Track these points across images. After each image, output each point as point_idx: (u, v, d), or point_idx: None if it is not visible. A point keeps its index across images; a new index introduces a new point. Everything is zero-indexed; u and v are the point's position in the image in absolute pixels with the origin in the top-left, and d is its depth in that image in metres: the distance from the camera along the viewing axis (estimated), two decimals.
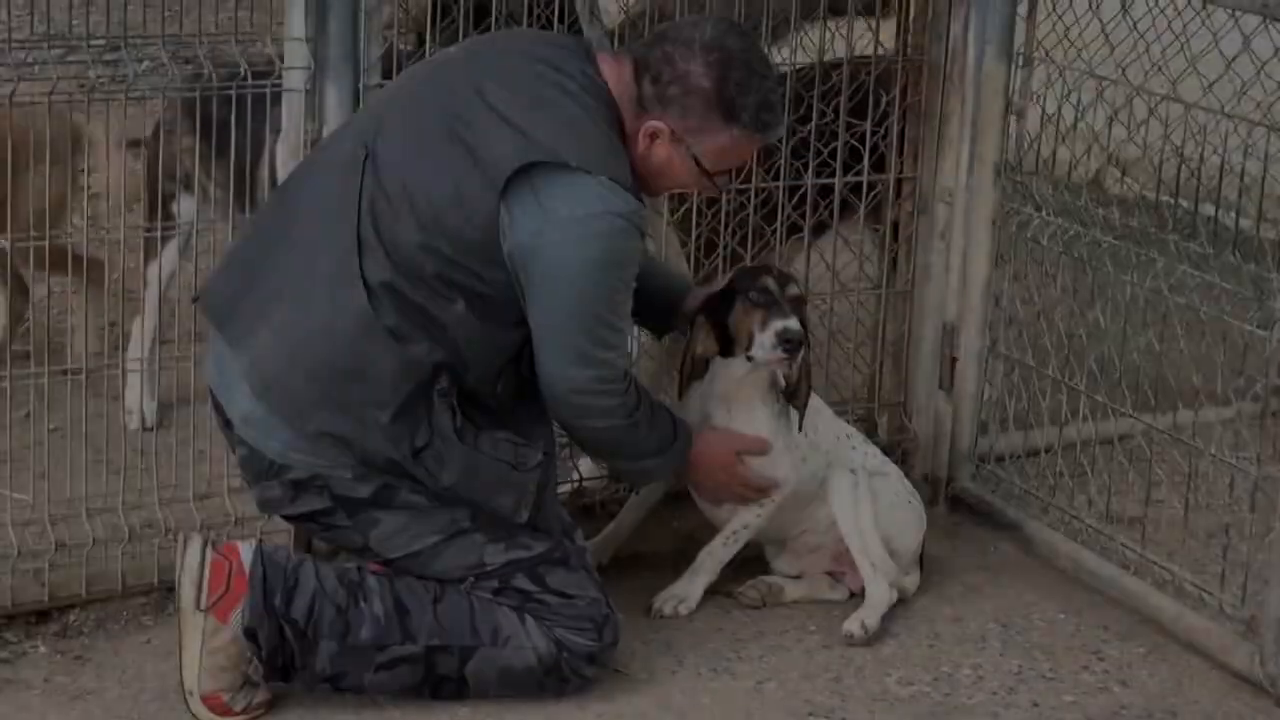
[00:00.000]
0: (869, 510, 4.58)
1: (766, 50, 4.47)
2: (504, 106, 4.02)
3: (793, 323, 4.36)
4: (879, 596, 4.57)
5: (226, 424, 4.15)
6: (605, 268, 4.00)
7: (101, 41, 4.35)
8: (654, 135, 4.11)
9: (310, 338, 4.01)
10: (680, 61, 4.08)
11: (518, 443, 4.11)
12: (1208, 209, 5.80)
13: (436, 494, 4.07)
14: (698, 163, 4.14)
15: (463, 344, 4.02)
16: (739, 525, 4.59)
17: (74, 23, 4.59)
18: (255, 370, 4.04)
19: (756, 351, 4.39)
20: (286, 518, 4.20)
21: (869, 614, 4.54)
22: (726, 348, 4.46)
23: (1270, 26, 4.53)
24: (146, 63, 4.33)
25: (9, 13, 4.92)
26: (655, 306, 4.49)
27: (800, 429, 4.52)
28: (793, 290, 4.43)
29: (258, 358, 4.04)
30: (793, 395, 4.52)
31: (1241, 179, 5.61)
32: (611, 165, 4.02)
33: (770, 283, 4.41)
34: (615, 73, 4.12)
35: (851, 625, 4.52)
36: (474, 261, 3.99)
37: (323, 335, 4.00)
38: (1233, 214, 5.70)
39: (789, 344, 4.35)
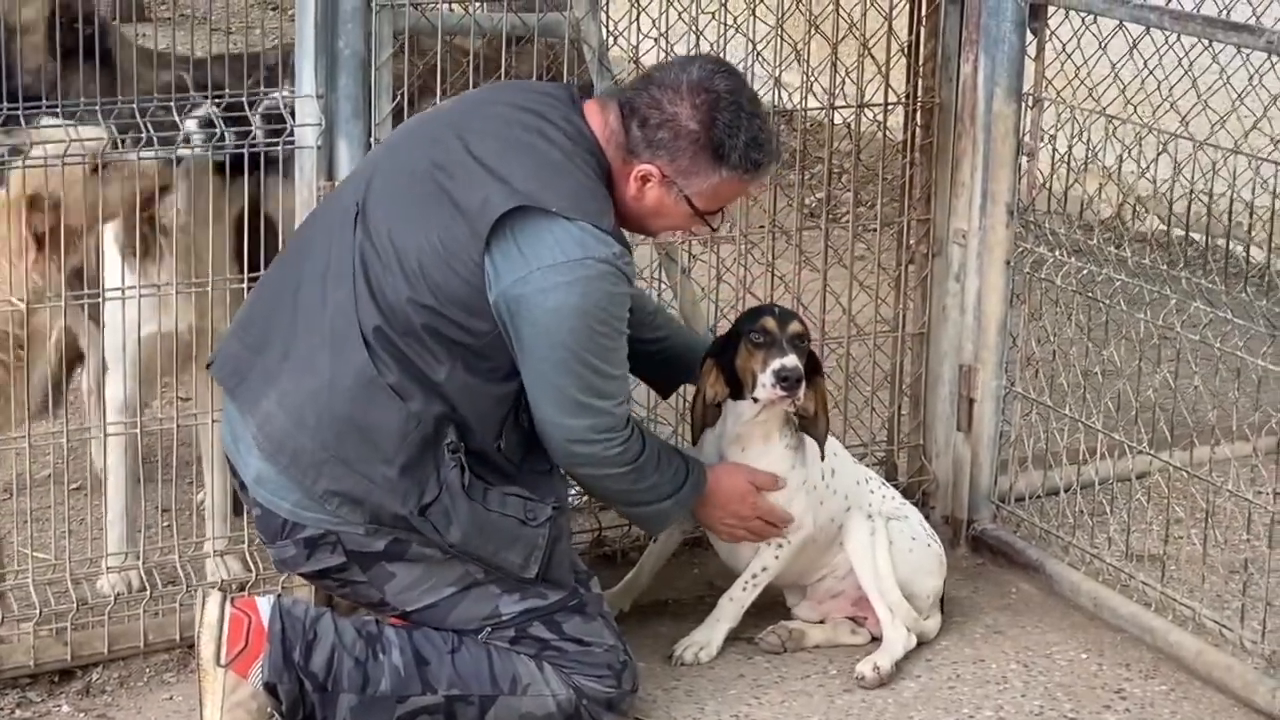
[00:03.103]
0: (885, 555, 4.59)
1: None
2: (486, 156, 4.05)
3: (789, 360, 4.37)
4: (895, 640, 4.57)
5: (242, 485, 4.18)
6: (589, 314, 4.00)
7: None
8: (645, 179, 4.13)
9: (314, 398, 4.03)
10: (668, 105, 4.10)
11: (527, 498, 4.12)
12: (1220, 243, 5.81)
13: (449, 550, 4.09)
14: (690, 203, 4.15)
15: (458, 400, 4.04)
16: (758, 568, 4.59)
17: None
18: (263, 433, 4.07)
19: (759, 392, 4.41)
20: (304, 576, 4.22)
21: (882, 657, 4.54)
22: (736, 390, 4.47)
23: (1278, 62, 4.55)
24: None
25: None
26: (669, 369, 4.54)
27: (822, 457, 4.52)
28: (793, 328, 4.44)
29: (265, 421, 4.07)
30: (811, 428, 4.53)
31: (1251, 214, 5.62)
32: (593, 211, 4.03)
33: (770, 322, 4.43)
34: (601, 119, 4.14)
35: (864, 667, 4.52)
36: (460, 314, 4.01)
37: (327, 395, 4.02)
38: (1245, 248, 5.71)
39: (785, 381, 4.37)
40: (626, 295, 4.06)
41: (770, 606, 4.71)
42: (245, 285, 4.43)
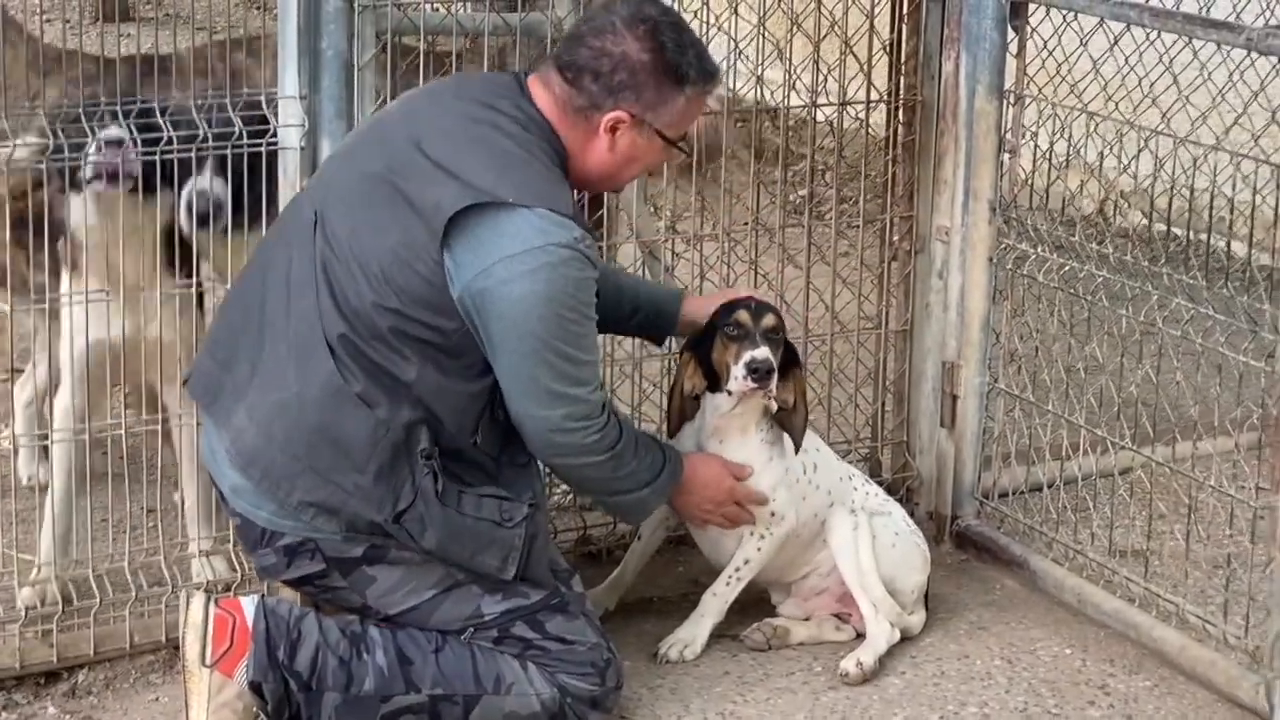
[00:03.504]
0: (869, 550, 4.60)
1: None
2: (439, 155, 4.05)
3: (759, 352, 4.39)
4: (879, 636, 4.58)
5: (222, 496, 4.20)
6: (555, 301, 3.99)
7: None
8: (615, 128, 4.12)
9: (283, 411, 4.04)
10: (613, 48, 4.10)
11: (503, 498, 4.12)
12: (1202, 239, 5.83)
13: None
14: (663, 136, 4.15)
15: (430, 401, 4.04)
16: (740, 562, 4.59)
17: None
18: (235, 448, 4.08)
19: (731, 384, 4.43)
20: (286, 583, 4.22)
21: (866, 653, 4.55)
22: (714, 383, 4.49)
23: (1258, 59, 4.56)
24: None
25: None
26: (649, 315, 4.55)
27: (796, 450, 4.53)
28: (767, 321, 4.45)
29: (237, 435, 4.08)
30: (789, 421, 4.54)
31: (1232, 209, 5.64)
32: (551, 196, 4.03)
33: (744, 315, 4.44)
34: (547, 94, 4.15)
35: (847, 664, 4.54)
36: (426, 314, 4.01)
37: (295, 406, 4.03)
38: (1226, 244, 5.73)
39: (755, 373, 4.38)
40: (591, 280, 4.05)
41: (755, 604, 4.72)
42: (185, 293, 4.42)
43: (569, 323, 4.02)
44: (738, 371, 4.41)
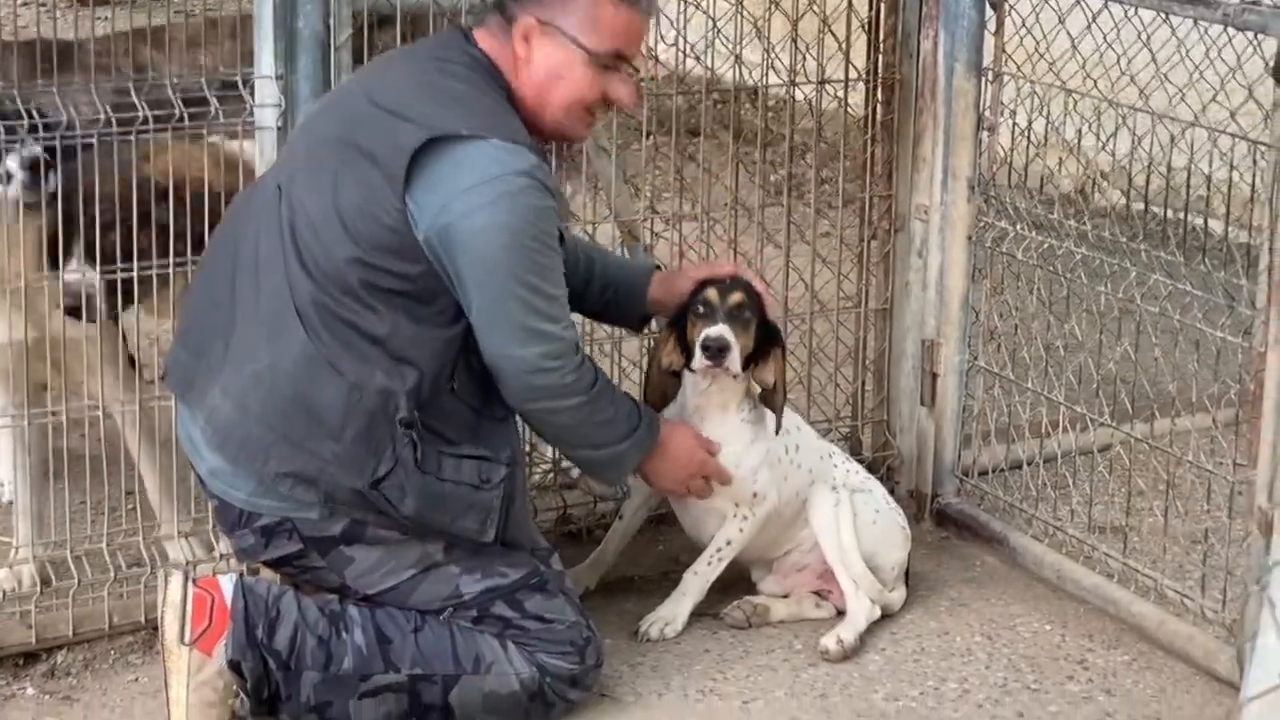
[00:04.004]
0: (850, 527, 4.60)
1: None
2: (390, 103, 4.05)
3: (714, 330, 4.39)
4: (859, 613, 4.59)
5: (200, 480, 4.21)
6: (519, 230, 3.98)
7: None
8: (526, 36, 4.10)
9: (257, 383, 4.04)
10: None
11: (481, 458, 4.11)
12: (1180, 217, 5.84)
13: (405, 526, 4.09)
14: (580, 45, 4.09)
15: (405, 351, 4.02)
16: (722, 542, 4.60)
17: None
18: (210, 425, 4.08)
19: (694, 362, 4.44)
20: (265, 564, 4.22)
21: (846, 630, 4.56)
22: (691, 361, 4.49)
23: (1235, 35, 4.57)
24: None
25: None
26: (621, 298, 4.53)
27: (776, 430, 4.54)
28: (734, 298, 4.44)
29: (211, 413, 4.08)
30: (768, 399, 4.55)
31: (1208, 185, 5.65)
32: (502, 126, 4.02)
33: (711, 293, 4.44)
34: (489, 36, 4.15)
35: (828, 641, 4.54)
36: (393, 261, 4.00)
37: (269, 378, 4.03)
38: (1204, 221, 5.74)
39: (707, 350, 4.39)
40: (551, 209, 4.03)
41: (735, 582, 4.73)
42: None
43: (534, 252, 4.01)
44: (697, 349, 4.42)
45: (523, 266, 4.00)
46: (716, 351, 4.39)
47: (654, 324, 4.75)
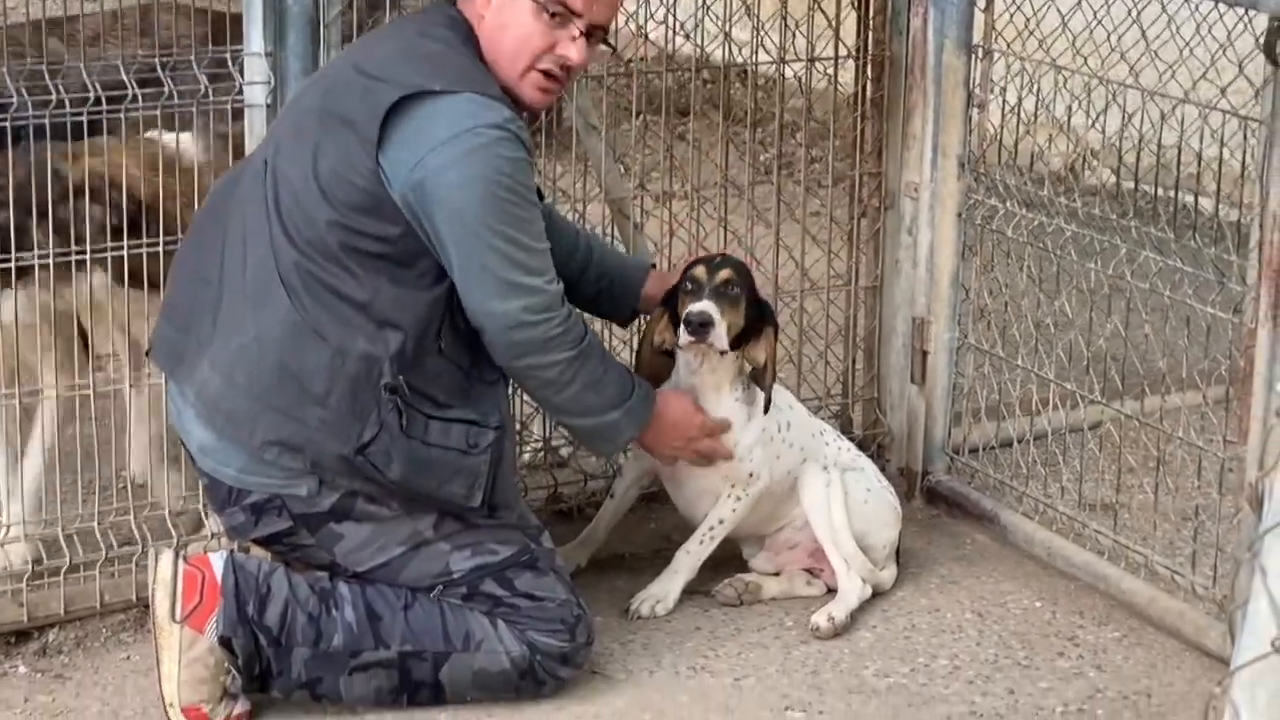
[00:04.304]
0: (841, 506, 4.61)
1: None
2: (371, 67, 4.07)
3: (697, 305, 4.39)
4: (850, 591, 4.60)
5: (191, 457, 4.21)
6: (493, 182, 3.98)
7: None
8: None
9: (244, 354, 4.04)
10: None
11: (470, 422, 4.10)
12: (1170, 194, 5.84)
13: (394, 500, 4.09)
14: None
15: (389, 315, 4.02)
16: (715, 521, 4.61)
17: None
18: (200, 399, 4.09)
19: (680, 339, 4.44)
20: (255, 542, 4.22)
21: (837, 608, 4.57)
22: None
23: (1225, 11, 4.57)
24: None
25: None
26: (615, 289, 4.53)
27: (765, 409, 4.54)
28: (721, 275, 4.44)
29: (201, 387, 4.09)
30: (759, 377, 4.55)
31: (1199, 162, 5.66)
32: (475, 82, 4.03)
33: (700, 271, 4.45)
34: (469, 1, 4.16)
35: (818, 618, 4.55)
36: (372, 223, 4.01)
37: (255, 348, 4.04)
38: (1194, 198, 5.74)
39: (689, 325, 4.38)
40: (525, 162, 4.03)
41: (727, 560, 4.73)
42: None
43: (509, 204, 4.00)
44: (683, 326, 4.42)
45: (499, 218, 4.00)
46: (699, 326, 4.38)
47: (641, 320, 4.75)
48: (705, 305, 4.39)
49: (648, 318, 4.65)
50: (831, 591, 4.67)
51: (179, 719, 4.07)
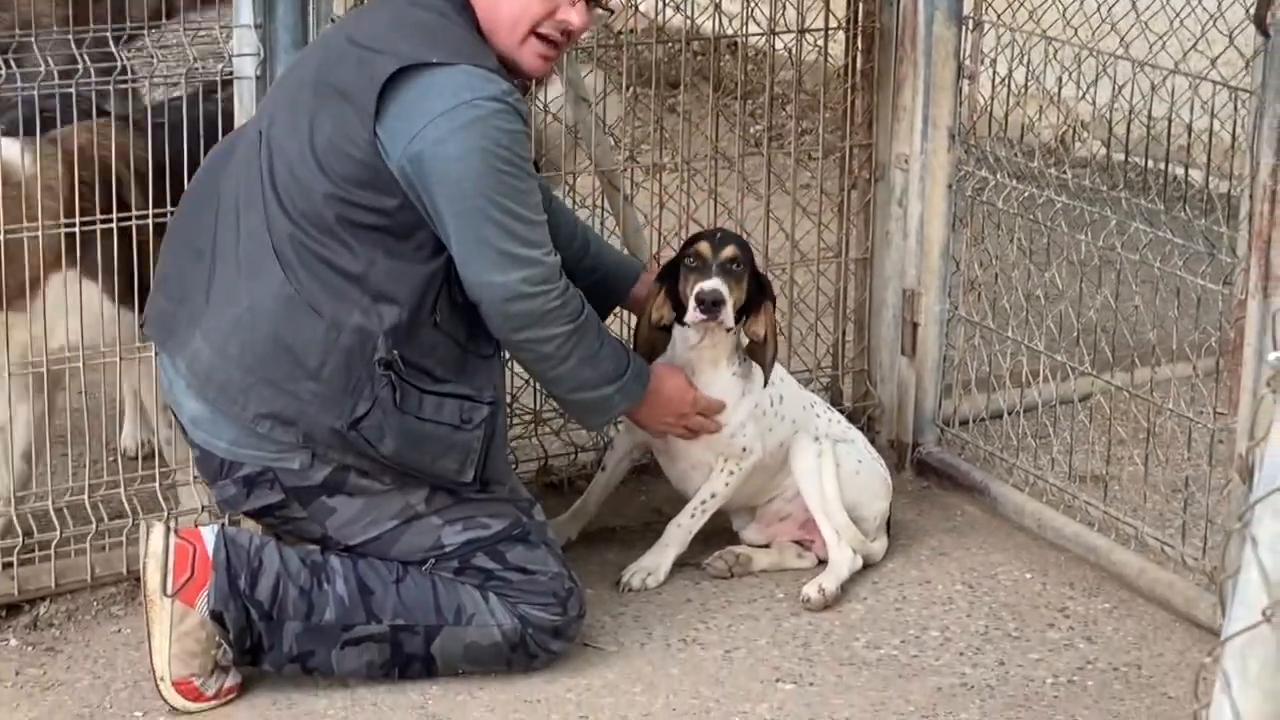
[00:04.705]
0: (833, 477, 4.63)
1: None
2: (366, 39, 4.07)
3: (709, 283, 4.40)
4: (841, 563, 4.62)
5: (183, 429, 4.22)
6: (490, 154, 3.98)
7: None
8: None
9: (237, 326, 4.05)
10: None
11: (464, 398, 4.11)
12: (1161, 166, 5.85)
13: (386, 475, 4.10)
14: None
15: (383, 290, 4.03)
16: (707, 495, 4.63)
17: None
18: (191, 371, 4.09)
19: (688, 316, 4.45)
20: (246, 514, 4.24)
21: (828, 579, 4.58)
22: (682, 315, 4.50)
23: None
24: None
25: None
26: (606, 284, 4.54)
27: (765, 383, 4.54)
28: (727, 252, 4.45)
29: (193, 359, 4.09)
30: (759, 354, 4.56)
31: (1189, 133, 5.67)
32: (473, 55, 4.04)
33: (704, 247, 4.46)
34: None
35: (809, 589, 4.57)
36: (369, 195, 4.01)
37: (249, 320, 4.04)
38: (1184, 169, 5.75)
39: (702, 304, 4.39)
40: (522, 133, 4.04)
41: (717, 533, 4.75)
42: None
43: (507, 176, 4.01)
44: (691, 303, 4.42)
45: (497, 190, 4.00)
46: (711, 305, 4.40)
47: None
48: (716, 283, 4.40)
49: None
50: (822, 563, 4.69)
51: (170, 692, 4.08)
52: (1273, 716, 2.39)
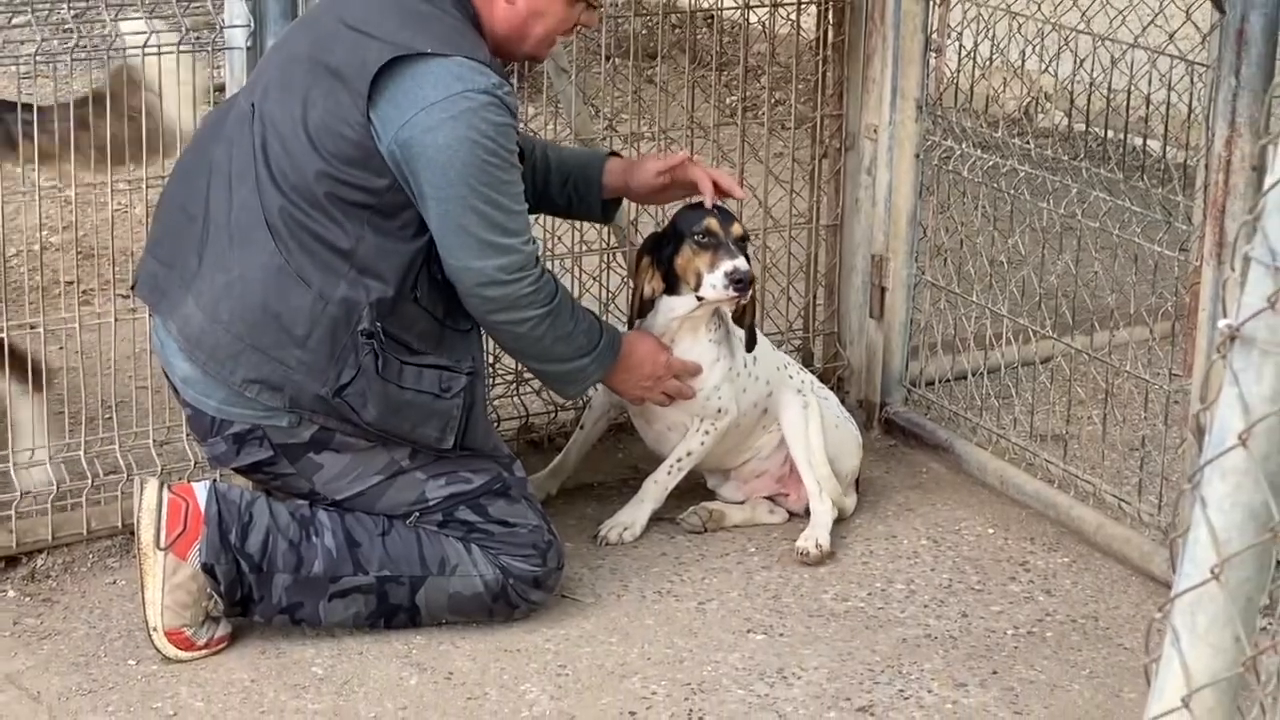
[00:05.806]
0: (818, 429, 4.70)
1: None
2: (358, 22, 4.16)
3: (740, 263, 4.48)
4: (823, 513, 4.68)
5: (174, 389, 4.30)
6: (477, 145, 4.08)
7: None
8: None
9: (228, 292, 4.14)
10: None
11: (443, 367, 4.21)
12: (1120, 138, 5.93)
13: (370, 434, 4.19)
14: None
15: (369, 265, 4.11)
16: (683, 453, 4.70)
17: None
18: (183, 334, 4.18)
19: (707, 291, 4.50)
20: (236, 470, 4.32)
21: (821, 533, 4.65)
22: (670, 286, 4.58)
23: None
24: None
25: None
26: (581, 190, 4.63)
27: (749, 348, 4.63)
28: (735, 230, 4.54)
29: (184, 323, 4.18)
30: (740, 320, 4.63)
31: (1147, 105, 5.75)
32: (466, 47, 4.13)
33: (714, 224, 4.53)
34: None
35: (806, 543, 4.63)
36: (359, 174, 4.10)
37: (239, 287, 4.13)
38: (1143, 140, 5.83)
39: (739, 284, 4.48)
40: (511, 127, 4.14)
41: (692, 490, 4.84)
42: None
43: (493, 167, 4.11)
44: (715, 280, 4.48)
45: (481, 180, 4.11)
46: (747, 284, 4.48)
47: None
48: (743, 262, 4.49)
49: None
50: (794, 517, 4.78)
51: (162, 642, 4.16)
52: (1220, 671, 2.42)
